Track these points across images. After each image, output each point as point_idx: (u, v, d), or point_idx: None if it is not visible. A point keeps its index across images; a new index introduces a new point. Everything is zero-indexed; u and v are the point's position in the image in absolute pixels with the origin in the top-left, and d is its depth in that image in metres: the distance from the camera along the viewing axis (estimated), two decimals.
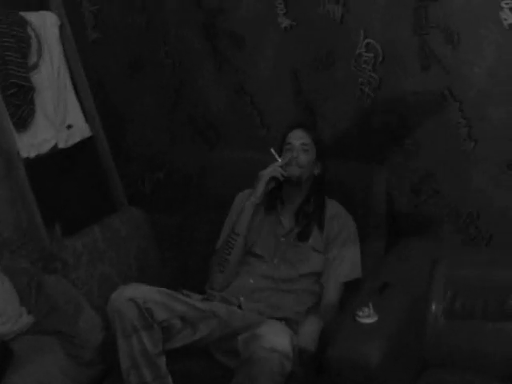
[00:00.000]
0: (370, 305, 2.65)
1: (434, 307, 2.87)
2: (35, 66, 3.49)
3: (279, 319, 2.96)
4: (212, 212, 3.53)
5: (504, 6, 2.97)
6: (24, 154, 3.38)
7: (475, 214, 3.24)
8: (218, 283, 3.17)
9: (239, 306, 3.07)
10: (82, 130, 3.69)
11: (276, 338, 2.66)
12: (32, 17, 3.48)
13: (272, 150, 3.19)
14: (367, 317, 2.63)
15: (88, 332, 3.18)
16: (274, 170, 3.15)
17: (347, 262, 3.13)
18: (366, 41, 3.31)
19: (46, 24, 3.56)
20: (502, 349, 2.78)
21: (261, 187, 3.16)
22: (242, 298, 3.09)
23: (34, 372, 2.98)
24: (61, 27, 3.64)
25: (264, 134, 3.70)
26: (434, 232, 3.36)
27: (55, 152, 3.56)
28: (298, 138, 3.20)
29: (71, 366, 3.11)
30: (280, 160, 3.16)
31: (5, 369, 2.90)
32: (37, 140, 3.47)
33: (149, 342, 2.82)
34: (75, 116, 3.69)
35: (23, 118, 3.39)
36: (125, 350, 2.83)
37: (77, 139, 3.66)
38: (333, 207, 3.22)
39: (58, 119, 3.59)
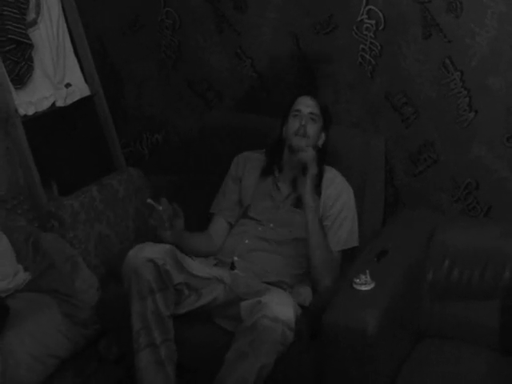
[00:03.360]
0: (367, 272, 2.67)
1: (431, 276, 2.89)
2: (33, 23, 3.46)
3: (274, 282, 3.00)
4: (210, 174, 3.54)
5: None
6: (22, 112, 3.38)
7: (474, 185, 3.24)
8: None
9: (232, 265, 3.09)
10: (80, 88, 3.68)
11: (280, 308, 2.67)
12: None
13: (149, 200, 2.97)
14: (364, 284, 2.65)
15: (84, 291, 3.20)
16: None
17: (344, 230, 3.14)
18: (368, 7, 3.29)
19: None
20: (495, 320, 2.81)
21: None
22: (235, 258, 3.11)
23: (30, 330, 3.01)
24: None
25: (264, 97, 3.69)
26: (433, 201, 3.37)
27: (54, 110, 3.55)
28: (308, 106, 3.17)
29: (67, 325, 3.13)
30: (161, 208, 2.95)
31: (1, 325, 2.91)
32: (35, 97, 3.46)
33: (162, 304, 2.81)
34: (74, 74, 3.67)
35: (21, 74, 3.37)
36: (138, 311, 2.80)
37: (76, 98, 3.64)
38: (331, 174, 3.22)
39: (57, 77, 3.57)
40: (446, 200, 3.33)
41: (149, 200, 2.98)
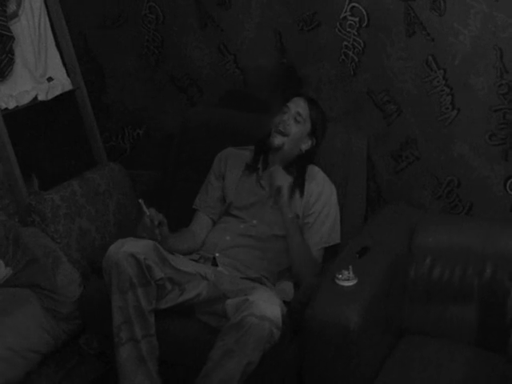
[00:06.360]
0: (350, 268, 2.68)
1: (412, 273, 2.90)
2: (14, 15, 3.43)
3: (255, 278, 3.00)
4: (192, 170, 3.54)
5: None
6: (3, 105, 3.35)
7: (456, 182, 3.26)
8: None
9: (214, 260, 3.09)
10: (63, 82, 3.66)
11: (268, 306, 2.67)
12: None
13: (141, 201, 2.98)
14: (347, 280, 2.67)
15: (65, 286, 3.19)
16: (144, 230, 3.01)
17: (326, 227, 3.15)
18: (352, 4, 3.29)
19: None
20: (474, 316, 2.83)
21: None
22: (217, 254, 3.11)
23: (11, 324, 3.00)
24: None
25: (246, 94, 3.69)
26: (414, 199, 3.37)
27: (35, 104, 3.53)
28: (296, 106, 3.20)
29: (48, 320, 3.12)
30: (148, 214, 2.96)
31: None
32: (16, 91, 3.44)
33: (144, 299, 2.79)
34: (56, 68, 3.65)
35: (2, 67, 3.35)
36: (119, 305, 2.79)
37: (57, 92, 3.62)
38: (313, 172, 3.23)
39: (39, 71, 3.55)
40: (427, 197, 3.34)
41: (140, 200, 2.97)
